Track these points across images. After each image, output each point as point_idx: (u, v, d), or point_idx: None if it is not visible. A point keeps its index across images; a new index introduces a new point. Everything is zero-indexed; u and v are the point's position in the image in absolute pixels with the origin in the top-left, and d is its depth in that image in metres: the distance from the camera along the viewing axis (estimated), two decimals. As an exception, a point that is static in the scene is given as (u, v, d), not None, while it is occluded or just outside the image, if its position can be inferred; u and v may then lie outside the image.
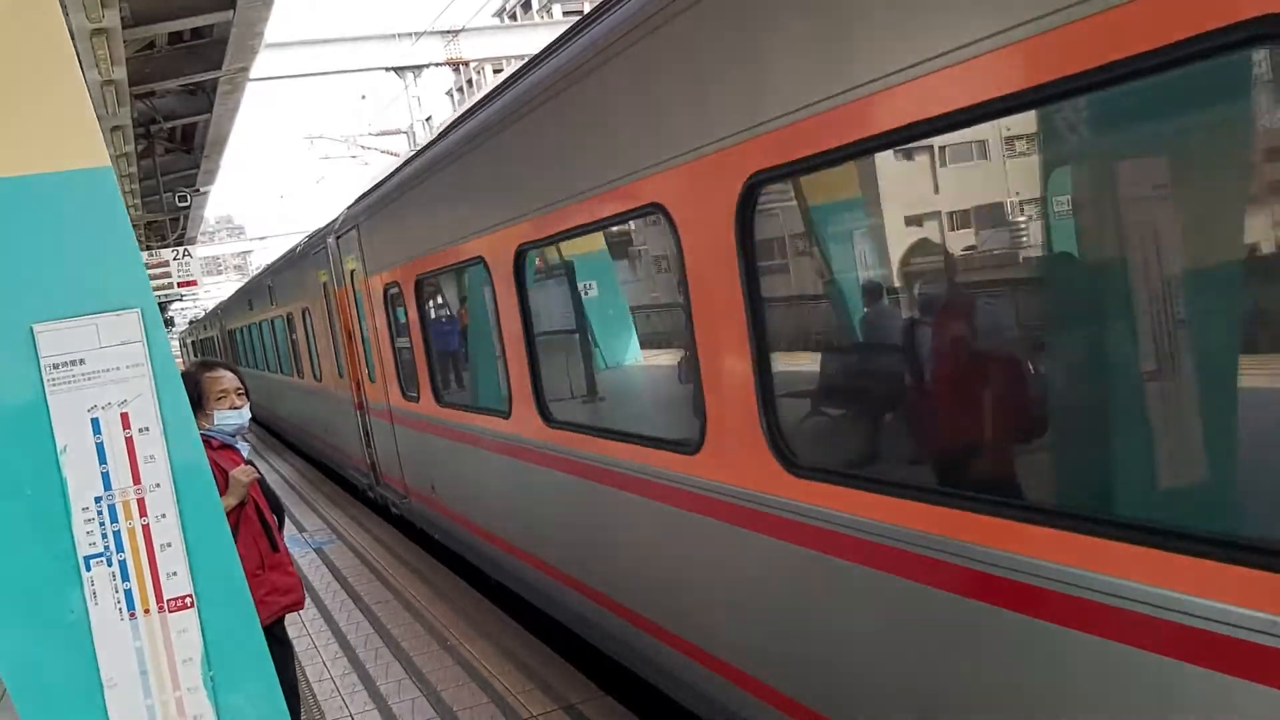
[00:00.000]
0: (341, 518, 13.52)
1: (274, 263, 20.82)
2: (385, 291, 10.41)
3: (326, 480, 17.21)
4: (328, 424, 15.84)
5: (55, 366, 2.25)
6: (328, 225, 13.55)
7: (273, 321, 19.93)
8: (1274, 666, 2.45)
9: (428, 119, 33.49)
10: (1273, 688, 2.46)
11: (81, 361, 2.27)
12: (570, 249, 6.54)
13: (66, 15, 7.51)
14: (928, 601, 3.49)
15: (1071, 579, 2.95)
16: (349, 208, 12.25)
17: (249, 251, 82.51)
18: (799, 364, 4.58)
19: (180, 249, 22.37)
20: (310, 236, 15.40)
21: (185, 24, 13.63)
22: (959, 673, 3.47)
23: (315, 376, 15.98)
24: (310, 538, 12.29)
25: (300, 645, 7.90)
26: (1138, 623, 2.77)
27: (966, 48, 2.97)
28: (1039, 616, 3.10)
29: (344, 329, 12.85)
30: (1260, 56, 2.38)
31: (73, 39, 2.24)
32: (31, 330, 2.22)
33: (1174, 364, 2.91)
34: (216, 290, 59.18)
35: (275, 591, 4.71)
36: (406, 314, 9.72)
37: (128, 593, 2.33)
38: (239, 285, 37.89)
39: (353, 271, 11.70)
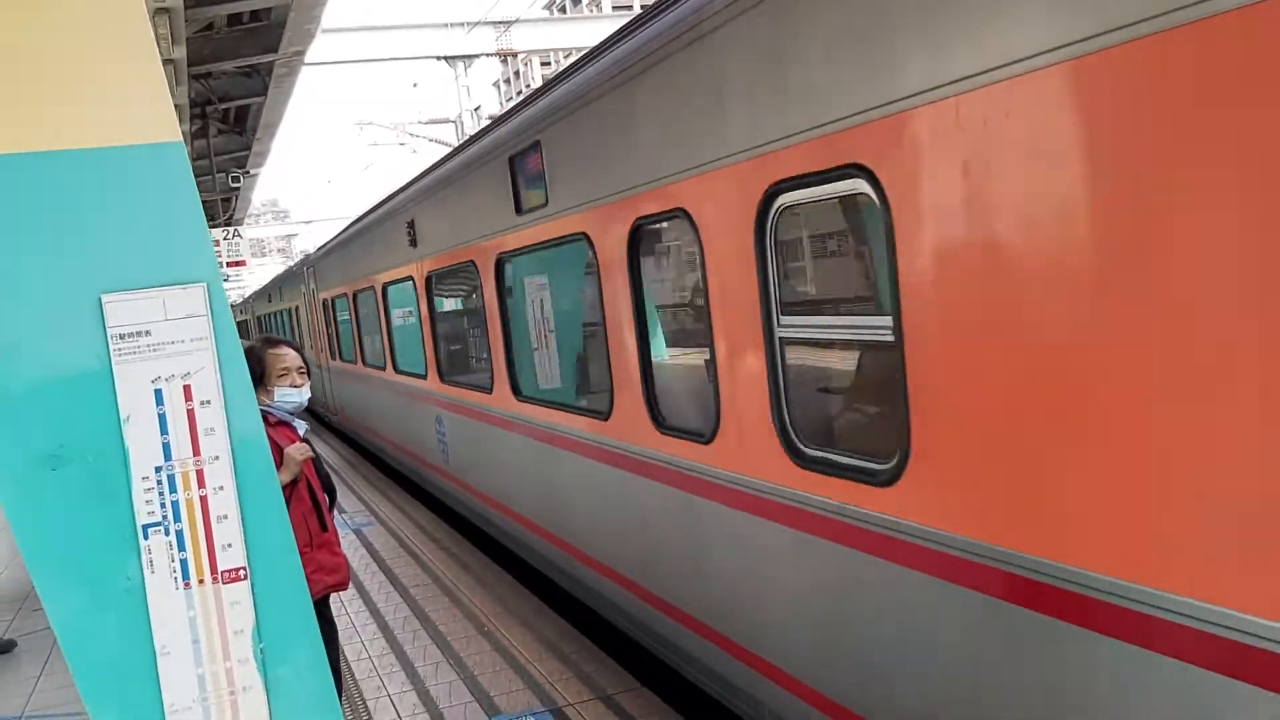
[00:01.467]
0: (381, 501, 13.62)
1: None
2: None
3: (365, 462, 17.35)
4: None
5: (122, 337, 2.28)
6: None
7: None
8: None
9: (476, 108, 33.64)
10: None
11: (147, 333, 2.30)
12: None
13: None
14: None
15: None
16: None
17: (294, 235, 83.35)
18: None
19: (230, 229, 22.61)
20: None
21: (244, 6, 13.79)
22: None
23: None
24: (350, 519, 12.39)
25: (340, 625, 7.96)
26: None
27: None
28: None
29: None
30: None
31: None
32: (100, 300, 2.26)
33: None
34: (261, 273, 59.83)
35: (321, 570, 4.75)
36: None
37: (183, 562, 2.37)
38: (283, 268, 37.84)
39: None
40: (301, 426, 4.93)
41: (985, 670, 3.41)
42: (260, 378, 4.67)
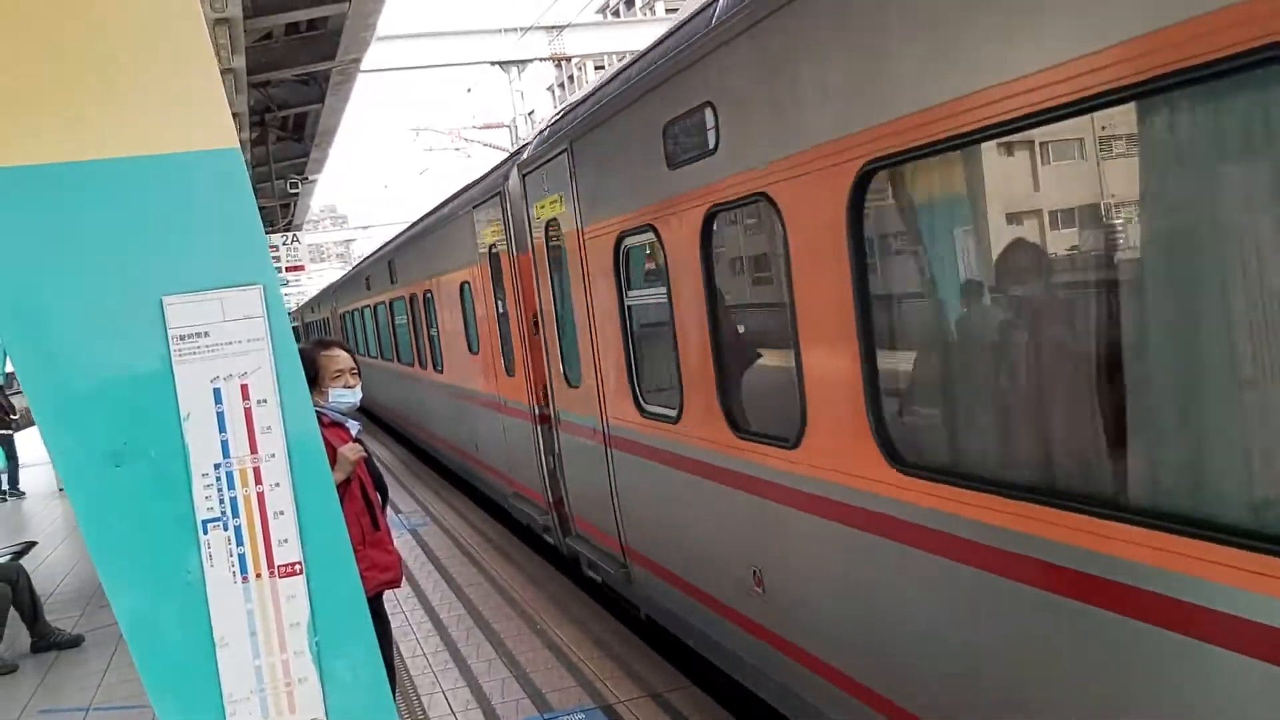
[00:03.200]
0: (435, 501, 13.76)
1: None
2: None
3: (419, 462, 17.53)
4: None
5: (182, 338, 2.35)
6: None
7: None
8: None
9: (530, 113, 33.86)
10: None
11: (206, 334, 2.37)
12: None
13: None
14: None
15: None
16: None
17: (352, 240, 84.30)
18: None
19: (289, 234, 22.94)
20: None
21: (303, 15, 14.01)
22: None
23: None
24: (406, 519, 12.54)
25: (395, 623, 8.06)
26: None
27: None
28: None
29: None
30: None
31: (201, 27, 2.34)
32: (161, 302, 2.33)
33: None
34: (320, 278, 60.60)
35: (374, 568, 4.82)
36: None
37: (241, 557, 2.43)
38: (342, 272, 38.35)
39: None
40: (354, 426, 5.02)
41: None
42: (314, 380, 4.75)
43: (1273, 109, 2.58)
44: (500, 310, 10.09)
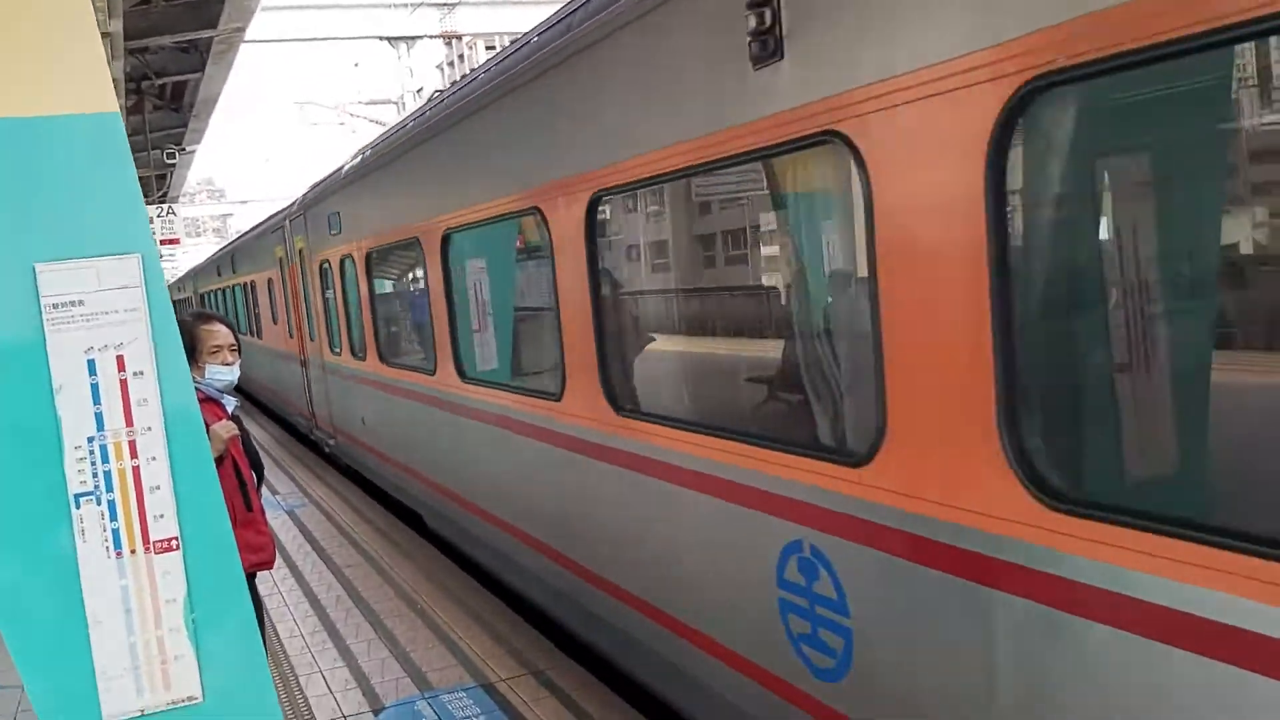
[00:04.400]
0: (314, 482, 13.56)
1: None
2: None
3: (296, 443, 17.27)
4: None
5: (55, 306, 2.29)
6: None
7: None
8: None
9: (418, 90, 33.38)
10: None
11: (81, 303, 2.31)
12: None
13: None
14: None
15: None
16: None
17: (229, 215, 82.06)
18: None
19: (164, 206, 22.27)
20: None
21: (183, -20, 13.60)
22: None
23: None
24: (283, 500, 12.33)
25: (272, 603, 7.97)
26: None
27: None
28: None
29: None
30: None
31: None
32: (34, 269, 2.27)
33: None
34: (196, 252, 58.89)
35: (247, 549, 4.72)
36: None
37: (115, 532, 2.38)
38: (217, 247, 38.19)
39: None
40: (231, 404, 4.91)
41: None
42: (191, 353, 4.63)
43: None
44: (285, 298, 16.26)
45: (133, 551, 2.40)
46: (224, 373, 4.80)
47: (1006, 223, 3.06)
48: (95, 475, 2.36)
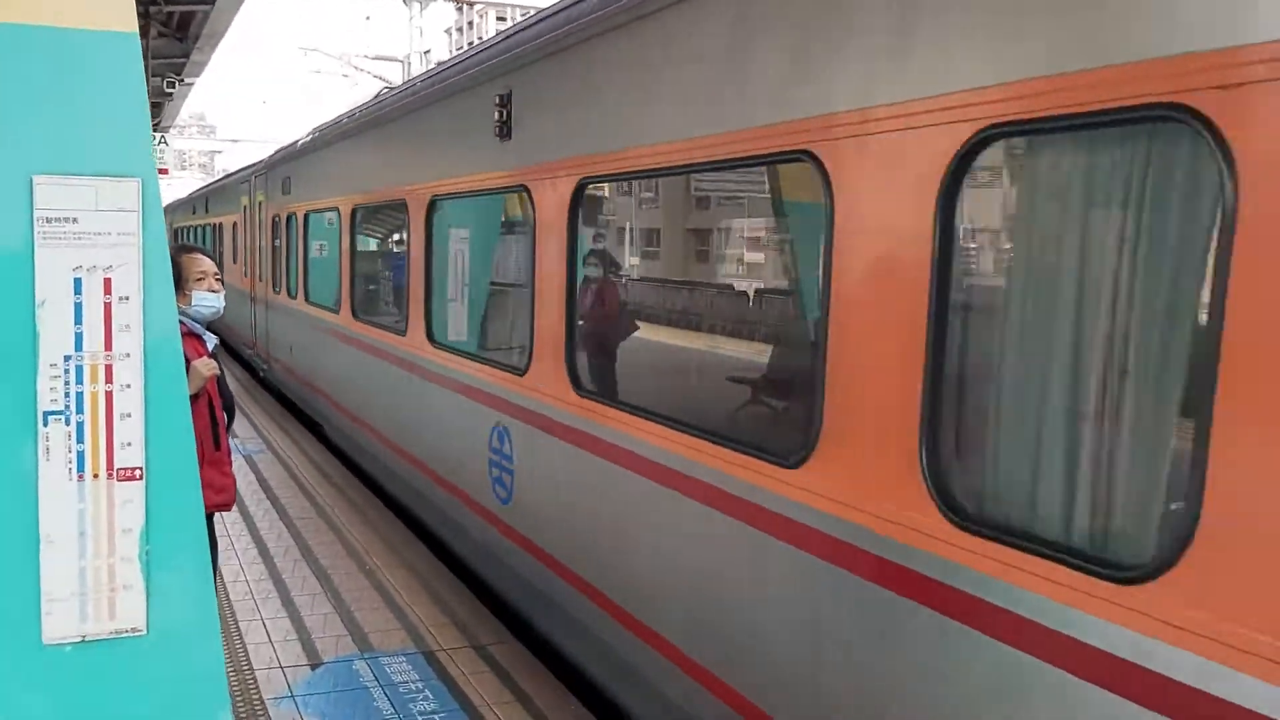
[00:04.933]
0: (274, 429, 13.49)
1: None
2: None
3: (259, 389, 17.17)
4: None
5: (49, 220, 2.26)
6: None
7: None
8: None
9: (426, 52, 33.17)
10: None
11: (75, 220, 2.28)
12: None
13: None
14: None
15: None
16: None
17: (218, 152, 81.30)
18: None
19: (157, 135, 22.04)
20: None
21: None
22: None
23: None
24: (241, 445, 12.24)
25: (220, 546, 7.90)
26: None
27: None
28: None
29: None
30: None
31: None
32: (31, 180, 2.23)
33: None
34: (179, 185, 58.30)
35: (210, 488, 4.69)
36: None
37: (80, 454, 2.35)
38: (203, 183, 38.34)
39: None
40: (211, 341, 4.88)
41: None
42: (177, 281, 4.61)
43: None
44: (246, 242, 18.81)
45: (95, 476, 2.37)
46: (211, 299, 4.79)
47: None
48: (67, 395, 2.33)
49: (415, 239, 8.44)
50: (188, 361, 4.54)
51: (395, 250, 10.75)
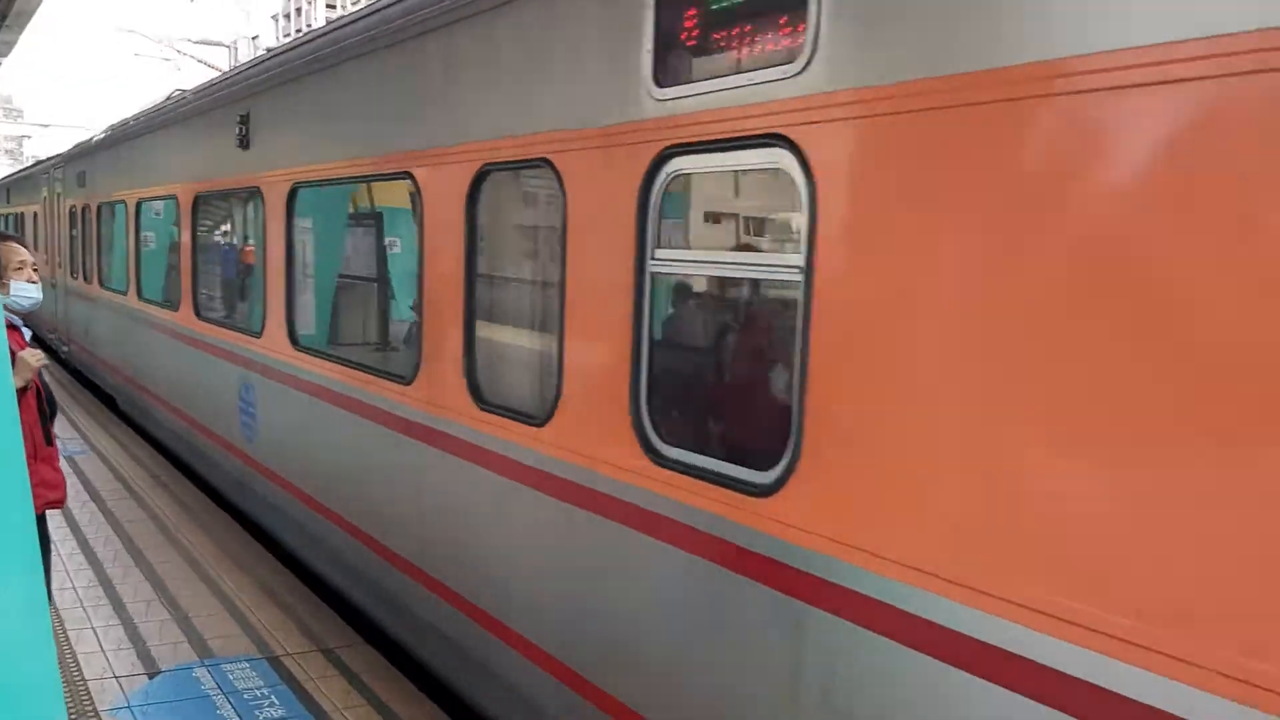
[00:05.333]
0: (95, 430, 12.85)
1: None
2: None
3: (80, 387, 16.36)
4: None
5: None
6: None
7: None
8: None
9: (254, 38, 32.13)
10: None
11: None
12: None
13: None
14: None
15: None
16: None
17: (26, 137, 77.08)
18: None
19: (-41, 119, 20.73)
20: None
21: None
22: None
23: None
24: (63, 445, 11.56)
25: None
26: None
27: None
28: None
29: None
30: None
31: None
32: None
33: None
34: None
35: (43, 484, 4.46)
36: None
37: (-107, 457, 2.15)
38: (9, 170, 36.85)
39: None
40: (28, 333, 4.63)
41: None
42: None
43: None
44: (46, 231, 20.13)
45: (-86, 478, 2.16)
46: (30, 289, 4.58)
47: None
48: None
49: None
50: (12, 354, 4.25)
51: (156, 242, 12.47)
